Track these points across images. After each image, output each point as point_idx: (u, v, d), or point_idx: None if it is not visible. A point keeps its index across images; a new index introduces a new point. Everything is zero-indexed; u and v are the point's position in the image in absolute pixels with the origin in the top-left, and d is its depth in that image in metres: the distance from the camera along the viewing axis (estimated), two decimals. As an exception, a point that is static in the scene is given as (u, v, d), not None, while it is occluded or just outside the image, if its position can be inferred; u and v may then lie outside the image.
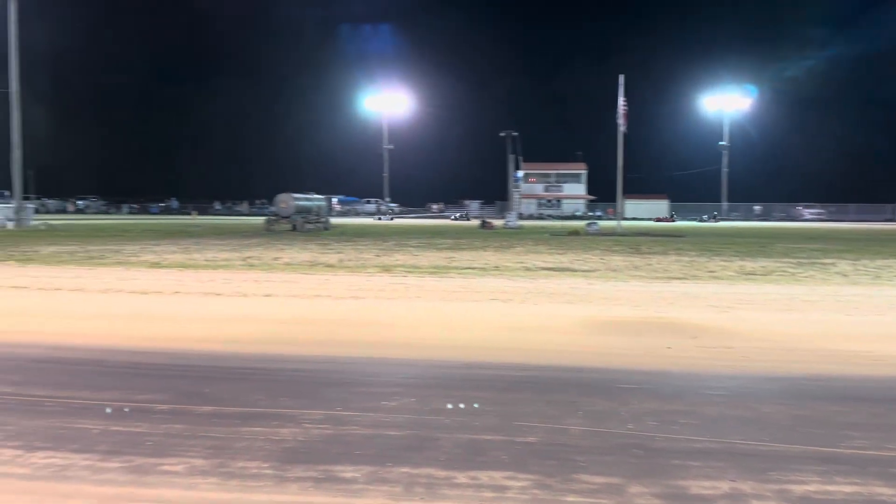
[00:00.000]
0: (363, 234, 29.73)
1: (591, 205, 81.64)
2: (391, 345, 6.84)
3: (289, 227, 33.98)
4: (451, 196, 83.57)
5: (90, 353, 6.30)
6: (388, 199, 79.77)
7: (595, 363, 6.11)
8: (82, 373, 5.59)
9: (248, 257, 16.78)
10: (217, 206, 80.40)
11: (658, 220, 63.21)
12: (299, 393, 5.07)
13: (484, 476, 3.45)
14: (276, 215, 35.12)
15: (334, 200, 73.20)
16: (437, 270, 14.07)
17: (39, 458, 3.67)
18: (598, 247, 22.13)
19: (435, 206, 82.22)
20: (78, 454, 3.70)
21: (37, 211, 45.30)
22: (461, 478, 3.44)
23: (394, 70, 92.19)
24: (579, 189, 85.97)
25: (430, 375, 5.79)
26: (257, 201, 77.17)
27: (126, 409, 4.54)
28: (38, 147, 40.32)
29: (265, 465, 3.58)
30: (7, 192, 51.86)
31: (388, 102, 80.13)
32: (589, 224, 36.03)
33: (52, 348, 6.50)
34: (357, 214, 76.09)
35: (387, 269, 14.18)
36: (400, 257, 17.13)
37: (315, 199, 37.32)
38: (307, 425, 4.26)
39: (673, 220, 63.78)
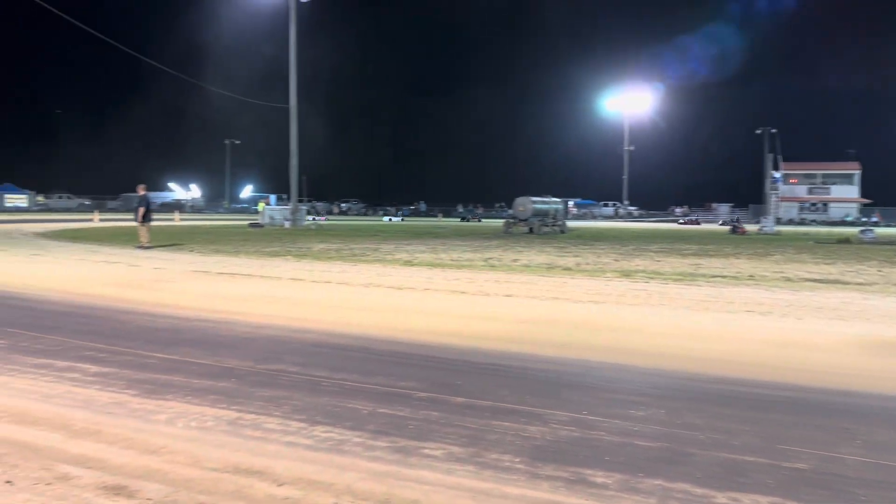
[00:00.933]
0: (600, 238, 29.31)
1: (865, 209, 71.97)
2: (635, 352, 6.66)
3: (526, 229, 34.61)
4: (696, 199, 78.97)
5: (358, 341, 6.99)
6: (626, 202, 77.67)
7: (874, 388, 5.38)
8: (352, 358, 6.21)
9: (489, 258, 17.41)
10: (460, 208, 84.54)
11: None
12: (544, 393, 5.15)
13: (746, 499, 3.22)
14: (514, 218, 35.98)
15: (571, 203, 73.01)
16: (681, 277, 13.39)
17: (320, 431, 4.14)
18: (876, 257, 19.44)
19: (678, 210, 78.26)
20: (352, 431, 4.12)
21: (308, 212, 51.23)
22: (721, 498, 3.24)
23: (635, 67, 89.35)
24: (851, 192, 76.28)
25: (679, 387, 5.53)
26: (496, 205, 79.72)
27: (390, 394, 4.96)
28: (310, 155, 45.56)
29: (517, 460, 3.69)
30: (285, 196, 59.40)
31: (629, 102, 77.98)
32: (863, 231, 31.73)
33: (327, 334, 7.32)
34: (594, 217, 75.10)
35: (626, 274, 13.82)
36: (640, 262, 16.60)
37: (552, 203, 37.56)
38: (554, 425, 4.31)
39: None
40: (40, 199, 66.51)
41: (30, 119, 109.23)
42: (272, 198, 65.56)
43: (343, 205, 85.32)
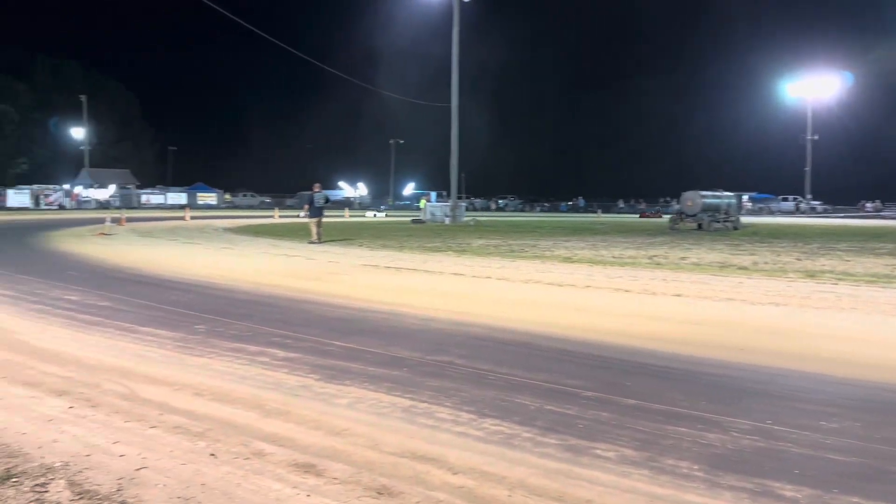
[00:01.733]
0: (780, 235, 27.22)
1: None
2: (823, 359, 6.12)
3: (694, 225, 32.93)
4: (892, 193, 70.95)
5: (520, 336, 7.02)
6: (809, 196, 71.50)
7: None
8: (516, 353, 6.25)
9: (654, 255, 16.76)
10: (620, 204, 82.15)
11: None
12: (720, 399, 4.88)
13: (968, 530, 2.86)
14: (681, 213, 34.36)
15: (745, 198, 68.37)
16: (875, 279, 12.11)
17: (489, 424, 4.21)
18: None
19: (869, 205, 70.79)
20: (521, 426, 4.15)
21: (467, 208, 52.15)
22: (934, 526, 2.90)
23: (822, 49, 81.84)
24: None
25: (876, 399, 5.01)
26: (661, 200, 76.53)
27: (556, 391, 4.94)
28: (469, 152, 46.34)
29: (695, 467, 3.53)
30: (444, 193, 60.89)
31: (813, 87, 71.43)
32: None
33: (489, 329, 7.42)
34: (771, 213, 69.81)
35: (811, 274, 12.72)
36: (827, 262, 15.21)
37: (724, 197, 35.40)
38: (735, 434, 4.07)
39: None
40: (227, 197, 73.07)
41: (219, 125, 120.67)
42: (433, 195, 67.49)
43: (500, 201, 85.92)
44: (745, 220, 39.99)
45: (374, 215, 51.25)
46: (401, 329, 7.37)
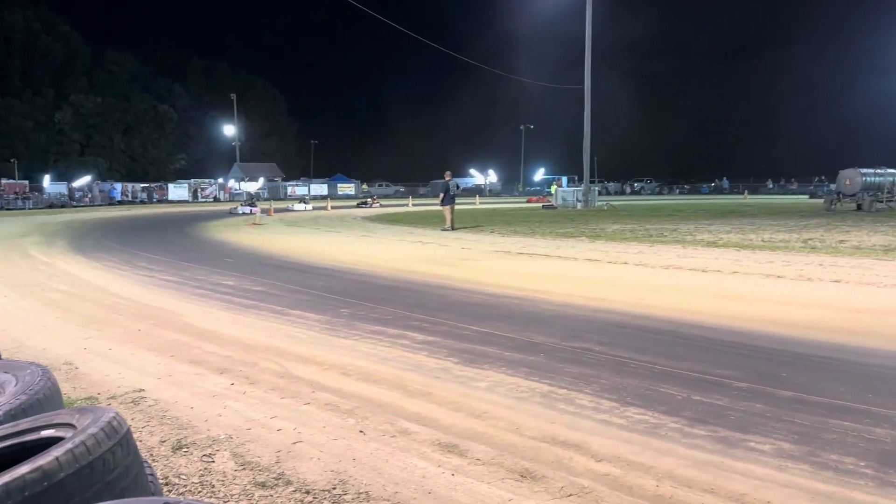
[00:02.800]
0: (955, 215, 24.44)
1: None
2: None
3: (853, 206, 30.29)
4: None
5: (662, 324, 6.77)
6: None
7: None
8: (658, 341, 6.04)
9: (809, 239, 15.58)
10: (769, 185, 76.92)
11: None
12: (890, 392, 4.47)
13: None
14: (838, 193, 31.71)
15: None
16: None
17: (633, 412, 4.10)
18: None
19: None
20: (667, 416, 4.01)
21: (600, 193, 50.87)
22: None
23: None
24: None
25: None
26: (815, 179, 70.87)
27: (704, 381, 4.72)
28: (602, 134, 45.11)
29: (862, 464, 3.26)
30: (576, 177, 59.77)
31: None
32: None
33: (629, 316, 7.21)
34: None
35: None
36: None
37: (888, 175, 32.25)
38: (908, 431, 3.71)
39: None
40: (364, 187, 75.88)
41: (357, 117, 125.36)
42: (563, 179, 66.47)
43: (636, 184, 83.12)
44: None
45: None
46: (536, 314, 7.34)
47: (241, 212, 34.24)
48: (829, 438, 3.60)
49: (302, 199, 45.32)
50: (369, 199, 48.44)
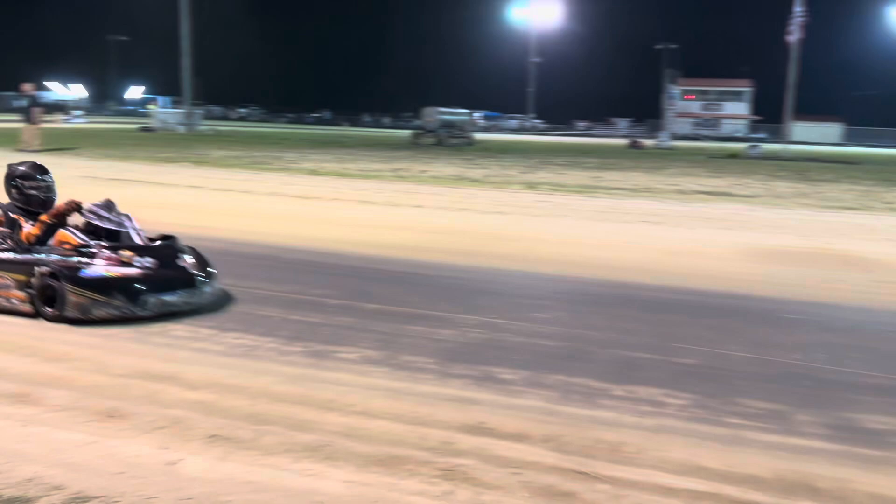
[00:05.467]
0: (507, 151, 29.54)
1: (754, 126, 75.32)
2: (540, 260, 6.90)
3: (434, 140, 34.40)
4: (599, 114, 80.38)
5: (266, 249, 6.87)
6: (532, 116, 78.17)
7: (757, 291, 5.85)
8: (260, 266, 6.12)
9: (398, 169, 17.28)
10: (366, 118, 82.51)
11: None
12: (455, 299, 5.28)
13: (641, 391, 3.48)
14: (422, 129, 35.61)
15: (477, 116, 72.70)
16: (583, 190, 13.84)
17: (231, 337, 4.09)
18: (761, 171, 20.70)
19: (581, 124, 79.60)
20: (264, 337, 4.10)
21: (204, 117, 48.49)
22: (618, 391, 3.48)
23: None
24: (741, 108, 79.21)
25: (581, 292, 5.82)
26: (403, 115, 78.31)
27: (303, 301, 4.94)
28: (209, 56, 42.81)
29: (430, 361, 3.80)
30: (178, 99, 56.03)
31: (537, 12, 77.04)
32: (751, 146, 33.47)
33: (231, 243, 7.10)
34: (500, 130, 75.29)
35: (531, 186, 14.12)
36: (545, 175, 16.95)
37: (460, 114, 37.36)
38: (464, 329, 4.45)
39: None
40: None
41: None
42: (160, 100, 61.62)
43: (241, 110, 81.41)
44: (478, 136, 42.69)
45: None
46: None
47: None
48: (404, 342, 4.10)
49: None
50: None
